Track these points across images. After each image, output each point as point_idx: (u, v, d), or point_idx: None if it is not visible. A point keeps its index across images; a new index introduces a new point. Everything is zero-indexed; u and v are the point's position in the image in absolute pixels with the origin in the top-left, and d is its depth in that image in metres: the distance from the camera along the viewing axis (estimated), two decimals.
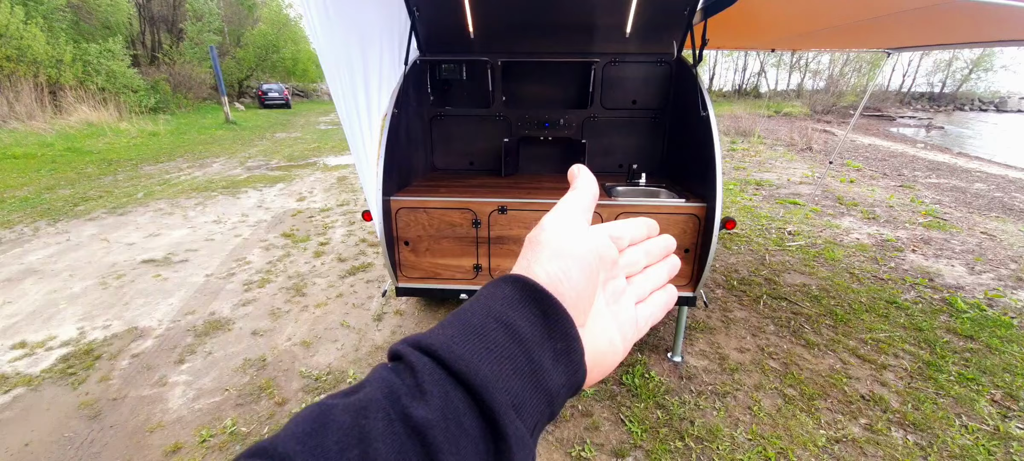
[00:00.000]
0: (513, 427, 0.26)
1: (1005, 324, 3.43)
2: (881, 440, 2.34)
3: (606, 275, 0.37)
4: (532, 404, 0.28)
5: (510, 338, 0.28)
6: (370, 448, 0.23)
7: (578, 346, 0.31)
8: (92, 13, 17.86)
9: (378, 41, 2.67)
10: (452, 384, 0.26)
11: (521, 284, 0.31)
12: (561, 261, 0.32)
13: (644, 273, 0.41)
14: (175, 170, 8.65)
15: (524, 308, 0.30)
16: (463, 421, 0.25)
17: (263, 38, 27.00)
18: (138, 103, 16.41)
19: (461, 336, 0.28)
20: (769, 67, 38.02)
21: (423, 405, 0.25)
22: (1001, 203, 7.21)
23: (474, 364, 0.26)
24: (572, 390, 0.31)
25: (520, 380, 0.28)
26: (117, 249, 4.67)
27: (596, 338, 0.34)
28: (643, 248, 0.41)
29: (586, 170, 0.41)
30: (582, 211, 0.37)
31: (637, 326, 0.38)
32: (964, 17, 2.91)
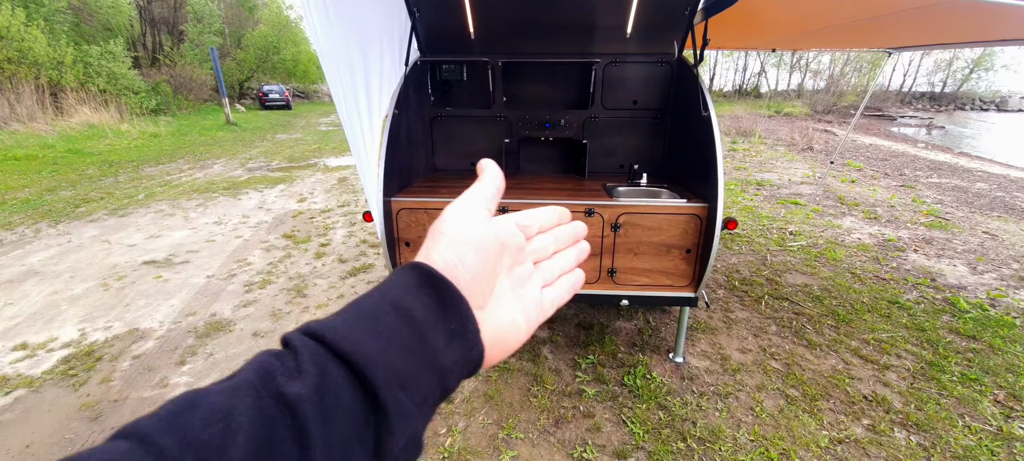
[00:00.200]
0: (393, 400, 0.28)
1: (1008, 324, 3.42)
2: (884, 441, 2.34)
3: (511, 261, 0.40)
4: (421, 380, 0.30)
5: (401, 320, 0.31)
6: (233, 421, 0.24)
7: (473, 327, 0.34)
8: (93, 15, 17.89)
9: (378, 42, 2.67)
10: (334, 363, 0.28)
11: (418, 270, 0.33)
12: (457, 248, 0.35)
13: (553, 258, 0.44)
14: (176, 171, 8.66)
15: (420, 292, 0.32)
16: (341, 395, 0.27)
17: (264, 40, 27.03)
18: (139, 105, 16.43)
19: (350, 320, 0.30)
20: (769, 67, 38.00)
21: (297, 382, 0.26)
22: (1003, 203, 7.19)
23: (358, 344, 0.28)
24: (469, 367, 0.34)
25: (409, 358, 0.30)
26: (118, 250, 4.67)
27: (498, 319, 0.37)
28: (552, 235, 0.44)
29: (492, 164, 0.43)
30: (483, 201, 0.39)
31: (541, 308, 0.41)
32: (965, 16, 2.90)
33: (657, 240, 2.58)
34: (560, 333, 3.22)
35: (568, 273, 0.45)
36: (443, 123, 3.51)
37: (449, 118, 3.50)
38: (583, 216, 2.57)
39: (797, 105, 27.36)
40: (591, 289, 2.71)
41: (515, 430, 2.37)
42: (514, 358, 2.93)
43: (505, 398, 2.60)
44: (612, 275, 2.67)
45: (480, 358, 0.35)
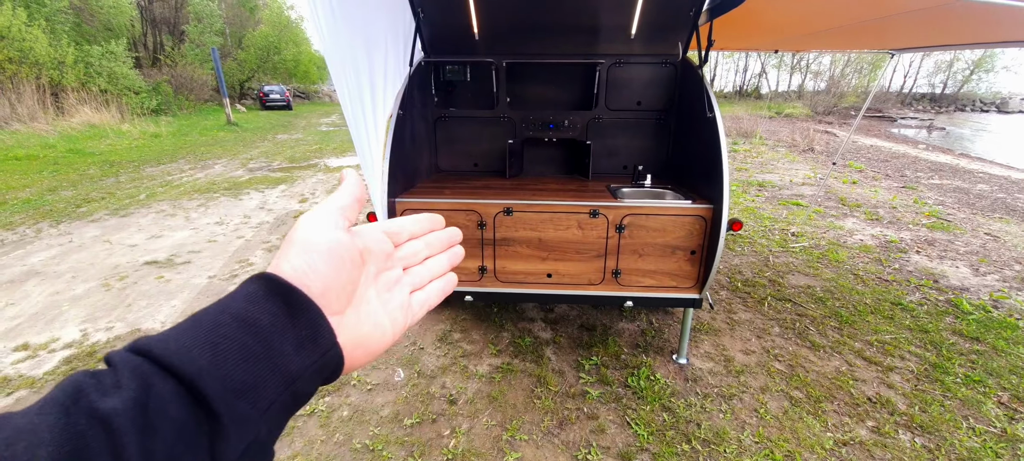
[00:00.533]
0: (227, 408, 0.28)
1: (1011, 326, 3.41)
2: (888, 443, 2.33)
3: (377, 268, 0.42)
4: (266, 387, 0.30)
5: (243, 330, 0.30)
6: (36, 438, 0.23)
7: (326, 332, 0.34)
8: (94, 15, 17.89)
9: (383, 42, 2.67)
10: (160, 376, 0.27)
11: (265, 280, 0.34)
12: (307, 256, 0.35)
13: (424, 263, 0.46)
14: (177, 171, 8.65)
15: (266, 302, 0.32)
16: (167, 407, 0.26)
17: (264, 40, 27.04)
18: (140, 105, 16.43)
19: (184, 333, 0.30)
20: (770, 68, 38.02)
21: (112, 397, 0.25)
22: (1004, 204, 7.19)
23: (187, 356, 0.28)
24: (326, 371, 0.35)
25: (249, 366, 0.30)
26: (119, 250, 4.67)
27: (360, 323, 0.38)
28: (424, 240, 0.46)
29: (353, 173, 0.44)
30: (338, 209, 0.39)
31: (409, 311, 0.43)
32: (968, 17, 2.90)
33: (662, 241, 2.57)
34: (563, 334, 3.22)
35: (439, 277, 0.47)
36: (447, 124, 3.51)
37: (453, 119, 3.50)
38: (588, 217, 2.56)
39: (798, 106, 27.36)
40: (596, 291, 2.71)
41: (519, 432, 2.37)
42: (517, 359, 2.93)
43: (509, 399, 2.59)
44: (616, 276, 2.67)
45: (338, 361, 0.36)
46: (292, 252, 0.36)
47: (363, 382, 2.71)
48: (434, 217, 0.48)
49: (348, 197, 0.41)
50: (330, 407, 2.52)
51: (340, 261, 0.37)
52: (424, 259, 0.46)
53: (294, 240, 0.37)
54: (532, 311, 3.52)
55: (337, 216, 0.39)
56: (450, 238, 0.49)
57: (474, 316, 3.40)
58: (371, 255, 0.41)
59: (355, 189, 0.42)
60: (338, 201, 0.40)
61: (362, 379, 2.74)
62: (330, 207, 0.39)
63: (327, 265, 0.36)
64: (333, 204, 0.40)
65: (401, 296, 0.43)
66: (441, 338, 3.14)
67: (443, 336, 3.16)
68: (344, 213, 0.40)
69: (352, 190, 0.42)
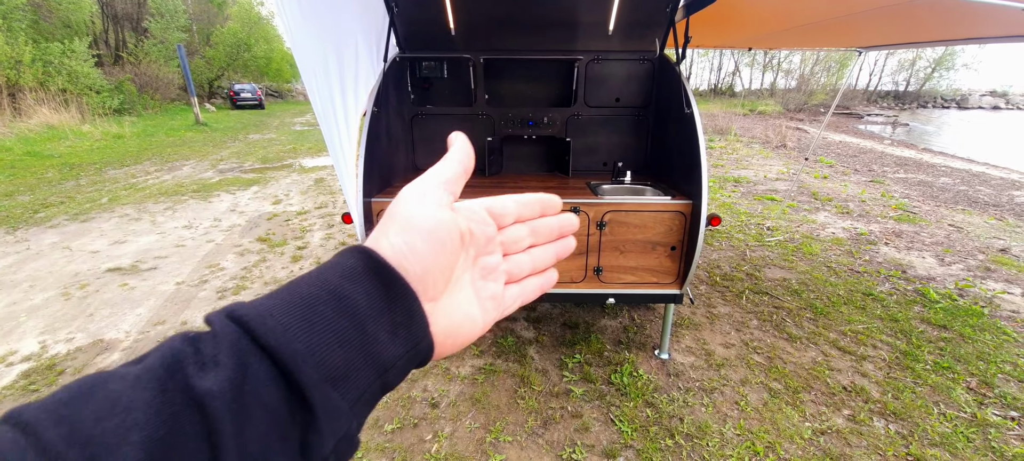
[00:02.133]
0: (322, 399, 0.26)
1: (976, 313, 3.54)
2: (864, 430, 2.38)
3: (477, 251, 0.37)
4: (358, 376, 0.28)
5: (340, 311, 0.28)
6: (130, 417, 0.22)
7: (420, 320, 0.32)
8: (53, 12, 17.09)
9: (354, 38, 2.59)
10: (257, 356, 0.25)
11: (364, 256, 0.31)
12: (407, 235, 0.32)
13: (527, 252, 0.41)
14: (142, 174, 8.31)
15: (364, 280, 0.30)
16: (261, 392, 0.25)
17: (234, 36, 26.29)
18: (101, 104, 15.75)
19: (283, 306, 0.27)
20: (743, 66, 38.89)
21: (209, 375, 0.24)
22: (966, 196, 7.50)
23: (285, 337, 0.26)
24: (415, 360, 0.32)
25: (345, 352, 0.28)
26: (80, 257, 4.44)
27: (452, 312, 0.35)
28: (530, 226, 0.41)
29: (462, 138, 0.39)
30: (443, 183, 0.36)
31: (502, 305, 0.39)
32: (931, 15, 2.99)
33: (642, 238, 2.57)
34: (546, 333, 3.19)
35: (539, 273, 0.42)
36: (424, 121, 3.44)
37: (430, 116, 3.43)
38: None
39: (770, 104, 28.07)
40: (577, 288, 2.69)
41: (503, 433, 2.33)
42: (500, 360, 2.89)
43: (492, 401, 2.55)
44: (598, 274, 2.65)
45: (429, 352, 0.33)
46: (392, 228, 0.33)
47: None
48: (548, 199, 0.42)
49: (455, 168, 0.37)
50: None
51: (441, 243, 0.33)
52: (527, 247, 0.41)
53: (395, 215, 0.33)
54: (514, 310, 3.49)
55: (442, 191, 0.35)
56: (561, 226, 0.42)
57: None
58: (472, 238, 0.36)
59: (465, 158, 0.38)
60: (444, 173, 0.36)
61: None
62: (435, 180, 0.36)
63: (428, 246, 0.33)
64: (438, 176, 0.36)
65: (496, 286, 0.38)
66: None
67: None
68: (449, 187, 0.36)
69: (461, 159, 0.38)
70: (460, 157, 0.38)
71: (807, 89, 29.25)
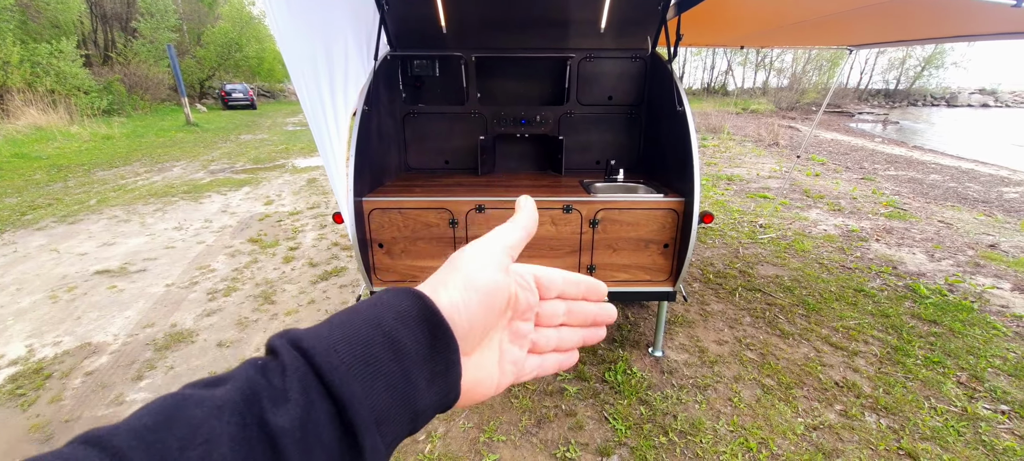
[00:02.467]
0: (372, 442, 0.27)
1: (966, 308, 3.57)
2: (856, 425, 2.39)
3: (516, 315, 0.38)
4: (396, 420, 0.29)
5: (391, 354, 0.29)
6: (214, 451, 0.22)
7: (456, 371, 0.33)
8: (41, 12, 16.87)
9: (343, 36, 2.57)
10: (319, 393, 0.27)
11: (420, 303, 0.32)
12: (466, 292, 0.34)
13: (557, 329, 0.42)
14: (131, 175, 8.22)
15: (415, 327, 0.31)
16: (322, 433, 0.26)
17: (225, 36, 26.05)
18: (90, 105, 15.55)
19: (343, 343, 0.29)
20: (736, 65, 39.09)
21: (282, 412, 0.25)
22: (955, 193, 7.57)
23: (346, 377, 0.27)
24: (442, 407, 0.33)
25: (390, 396, 0.29)
26: (68, 260, 4.38)
27: (480, 368, 0.36)
28: (568, 306, 0.42)
29: (530, 203, 0.41)
30: (508, 247, 0.37)
31: (520, 371, 0.40)
32: (923, 11, 3.01)
33: (635, 235, 2.57)
34: None
35: (563, 352, 0.43)
36: (416, 120, 3.42)
37: (422, 115, 3.41)
38: (561, 213, 2.53)
39: (763, 102, 28.23)
40: None
41: (496, 432, 2.32)
42: None
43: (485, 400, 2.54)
44: (591, 271, 2.65)
45: (454, 402, 0.34)
46: (453, 281, 0.34)
47: None
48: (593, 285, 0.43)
49: (520, 234, 0.39)
50: None
51: (491, 305, 0.35)
52: (559, 325, 0.42)
53: (458, 269, 0.35)
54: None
55: (505, 256, 0.37)
56: (596, 315, 0.43)
57: None
58: (516, 303, 0.38)
59: (529, 224, 0.40)
60: (510, 238, 0.38)
61: None
62: (501, 243, 0.37)
63: (481, 306, 0.34)
64: (505, 240, 0.38)
65: (521, 352, 0.39)
66: None
67: None
68: (512, 252, 0.38)
69: (525, 225, 0.39)
70: (525, 223, 0.40)
71: (799, 88, 29.46)
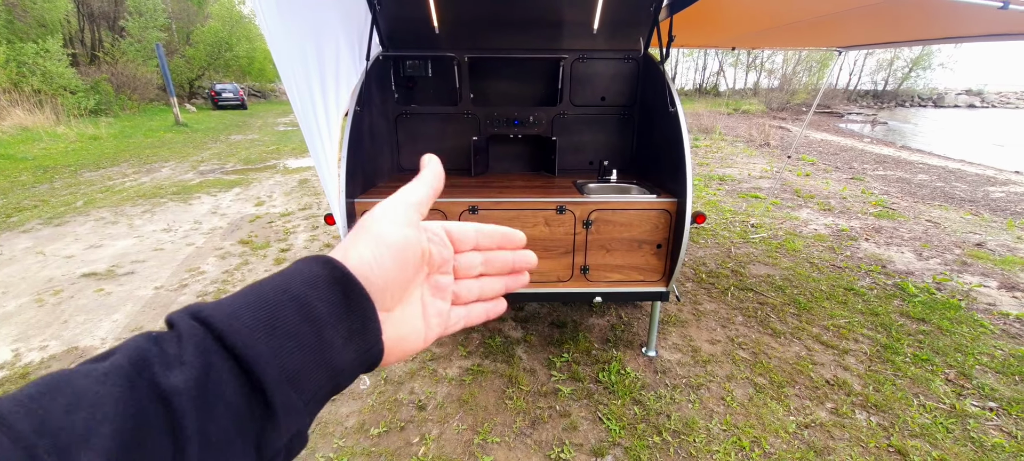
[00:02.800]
0: (282, 398, 0.28)
1: (954, 306, 3.62)
2: (847, 423, 2.41)
3: (431, 269, 0.40)
4: (313, 377, 0.30)
5: (301, 316, 0.30)
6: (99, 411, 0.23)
7: (374, 328, 0.34)
8: (27, 11, 16.58)
9: (334, 36, 2.54)
10: (221, 356, 0.27)
11: (330, 266, 0.33)
12: (377, 249, 0.35)
13: (478, 279, 0.44)
14: (119, 176, 8.11)
15: (326, 289, 0.32)
16: (224, 390, 0.26)
17: (214, 35, 25.78)
18: (77, 105, 15.32)
19: (246, 309, 0.29)
20: (727, 66, 39.40)
21: (175, 373, 0.25)
22: (943, 192, 7.68)
23: (250, 338, 0.28)
24: (365, 365, 0.34)
25: (302, 355, 0.29)
26: (54, 262, 4.31)
27: (402, 323, 0.37)
28: (485, 256, 0.44)
29: (435, 161, 0.42)
30: (414, 204, 0.38)
31: (446, 323, 0.41)
32: (911, 13, 3.05)
33: (628, 236, 2.58)
34: (534, 332, 3.18)
35: (487, 301, 0.44)
36: (408, 121, 3.41)
37: (414, 116, 3.40)
38: (555, 213, 2.53)
39: (754, 103, 28.47)
40: (564, 287, 2.68)
41: (491, 434, 2.31)
42: (488, 360, 2.87)
43: (480, 402, 2.54)
44: (585, 273, 2.65)
45: (378, 358, 0.35)
46: (362, 241, 0.35)
47: None
48: (507, 234, 0.45)
49: (426, 190, 0.40)
50: None
51: (405, 260, 0.36)
52: (478, 275, 0.44)
53: (367, 228, 0.36)
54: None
55: (413, 211, 0.38)
56: (516, 261, 0.45)
57: None
58: (430, 257, 0.39)
59: (435, 180, 0.41)
60: (415, 194, 0.39)
61: None
62: (408, 200, 0.38)
63: (393, 262, 0.35)
64: (410, 197, 0.39)
65: (443, 304, 0.41)
66: None
67: None
68: (419, 208, 0.39)
69: (430, 181, 0.40)
70: (430, 180, 0.40)
71: (789, 88, 29.72)
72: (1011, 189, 7.95)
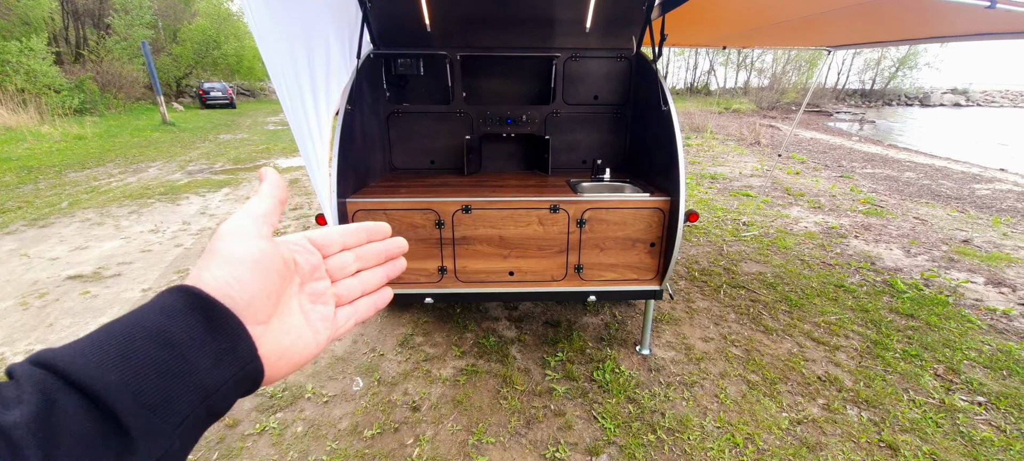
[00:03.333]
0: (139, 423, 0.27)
1: (941, 302, 3.67)
2: (838, 418, 2.44)
3: (302, 278, 0.41)
4: (180, 401, 0.29)
5: (157, 344, 0.29)
6: None
7: (245, 345, 0.34)
8: (10, 9, 16.26)
9: (325, 34, 2.52)
10: (65, 392, 0.26)
11: (184, 293, 0.32)
12: (231, 267, 0.34)
13: (356, 276, 0.45)
14: (105, 176, 7.98)
15: (184, 316, 0.31)
16: (70, 422, 0.26)
17: (202, 33, 25.47)
18: (61, 104, 15.06)
19: (92, 345, 0.28)
20: (718, 65, 39.67)
21: (13, 411, 0.25)
22: (929, 190, 7.79)
23: (96, 371, 0.27)
24: (245, 383, 0.34)
25: (163, 380, 0.29)
26: (39, 265, 4.23)
27: (283, 334, 0.37)
28: (355, 253, 0.45)
29: (272, 173, 0.41)
30: (260, 216, 0.38)
31: (334, 324, 0.42)
32: (898, 12, 3.08)
33: (622, 235, 2.58)
34: (528, 332, 3.18)
35: (370, 293, 0.46)
36: (400, 120, 3.38)
37: (406, 114, 3.37)
38: (548, 212, 2.53)
39: (744, 102, 28.70)
40: (558, 286, 2.68)
41: (485, 434, 2.30)
42: (482, 360, 2.86)
43: (474, 402, 2.52)
44: (579, 271, 2.65)
45: (257, 374, 0.35)
46: (214, 263, 0.34)
47: (319, 394, 2.56)
48: (372, 228, 0.46)
49: (269, 201, 0.39)
50: (282, 423, 2.36)
51: (266, 272, 0.36)
52: (356, 272, 0.45)
53: (216, 250, 0.35)
54: (496, 310, 3.46)
55: (260, 223, 0.37)
56: (388, 250, 0.47)
57: (436, 318, 3.30)
58: (297, 267, 0.40)
59: (277, 191, 0.40)
60: (259, 207, 0.38)
61: (317, 391, 2.59)
62: (252, 213, 0.38)
63: (253, 276, 0.35)
64: (255, 210, 0.38)
65: (326, 308, 0.42)
66: (402, 343, 3.03)
67: (404, 340, 3.05)
68: (267, 220, 0.38)
69: (273, 193, 0.40)
70: (273, 191, 0.40)
71: (779, 88, 29.99)
72: (996, 186, 8.09)
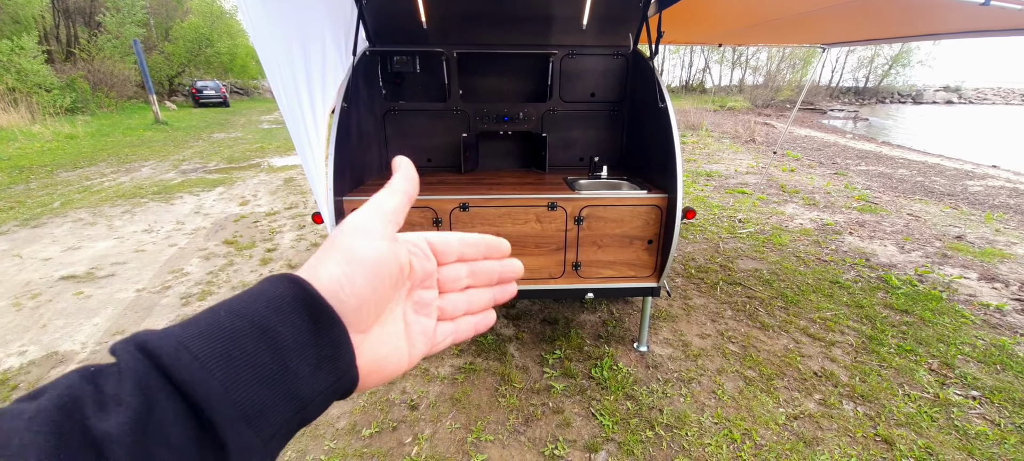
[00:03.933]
0: (235, 437, 0.25)
1: (935, 297, 3.70)
2: (834, 413, 2.45)
3: (413, 284, 0.37)
4: (275, 411, 0.27)
5: (262, 345, 0.27)
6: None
7: (347, 354, 0.31)
8: (0, 7, 16.06)
9: (320, 31, 2.50)
10: (167, 393, 0.24)
11: (296, 286, 0.30)
12: (348, 267, 0.32)
13: (465, 292, 0.41)
14: (97, 176, 7.90)
15: (292, 313, 0.29)
16: (168, 431, 0.24)
17: (195, 31, 25.27)
18: (52, 103, 14.90)
19: (200, 338, 0.26)
20: (713, 63, 39.81)
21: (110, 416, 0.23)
22: (923, 186, 7.85)
23: (200, 374, 0.25)
24: (337, 394, 0.31)
25: (262, 389, 0.27)
26: (32, 265, 4.18)
27: (381, 345, 0.35)
28: (470, 267, 0.41)
29: (407, 163, 0.38)
30: (388, 213, 0.35)
31: (432, 341, 0.39)
32: (892, 10, 3.09)
33: (620, 232, 2.58)
34: (526, 330, 3.18)
35: (476, 313, 0.42)
36: (397, 117, 3.37)
37: (403, 112, 3.36)
38: (546, 210, 2.52)
39: (739, 100, 28.83)
40: (556, 284, 2.68)
41: (484, 432, 2.30)
42: (480, 358, 2.86)
43: (472, 400, 2.52)
44: (577, 269, 2.65)
45: (352, 385, 0.32)
46: (332, 259, 0.32)
47: None
48: (492, 243, 0.42)
49: (400, 197, 0.36)
50: None
51: (381, 278, 0.33)
52: (465, 288, 0.41)
53: (338, 245, 0.33)
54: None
55: (387, 221, 0.35)
56: (503, 271, 0.43)
57: None
58: (411, 272, 0.36)
59: (408, 186, 0.37)
60: (388, 203, 0.35)
61: None
62: (381, 208, 0.35)
63: (367, 281, 0.32)
64: (383, 206, 0.35)
65: (429, 321, 0.38)
66: None
67: None
68: (393, 217, 0.35)
69: (405, 187, 0.37)
70: (404, 186, 0.37)
71: (774, 85, 30.16)
72: (988, 183, 8.16)
